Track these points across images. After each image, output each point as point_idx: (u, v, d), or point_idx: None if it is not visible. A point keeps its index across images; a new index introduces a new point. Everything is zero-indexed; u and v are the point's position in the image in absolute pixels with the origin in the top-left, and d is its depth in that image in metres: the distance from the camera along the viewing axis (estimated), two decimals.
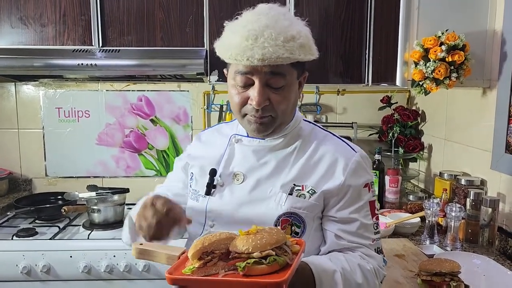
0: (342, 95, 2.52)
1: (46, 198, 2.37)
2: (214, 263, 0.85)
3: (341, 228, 1.06)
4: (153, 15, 2.04)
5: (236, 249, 0.84)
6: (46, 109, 2.47)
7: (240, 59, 0.97)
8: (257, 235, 0.86)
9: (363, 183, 1.09)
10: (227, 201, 1.10)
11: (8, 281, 1.83)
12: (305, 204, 1.06)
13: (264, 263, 0.82)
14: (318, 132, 1.16)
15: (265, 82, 1.01)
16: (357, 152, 1.11)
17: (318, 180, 1.07)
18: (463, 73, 1.68)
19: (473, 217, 1.68)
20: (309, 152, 1.10)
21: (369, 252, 1.07)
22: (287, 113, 1.08)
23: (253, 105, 1.01)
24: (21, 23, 2.02)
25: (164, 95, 2.51)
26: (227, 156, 1.14)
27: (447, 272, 1.26)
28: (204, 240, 0.86)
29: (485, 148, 1.80)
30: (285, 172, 1.09)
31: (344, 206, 1.07)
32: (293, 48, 0.98)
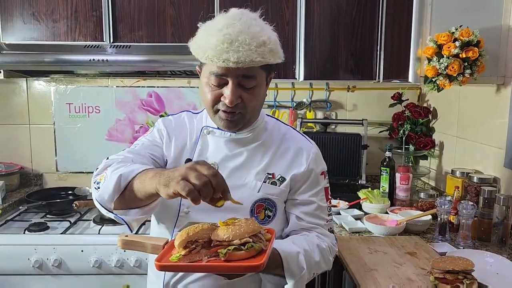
0: (352, 91, 2.50)
1: (57, 193, 2.38)
2: (197, 251, 0.95)
3: (301, 210, 1.22)
4: (164, 11, 2.04)
5: (217, 237, 0.95)
6: (57, 104, 2.49)
7: (217, 61, 1.05)
8: (235, 225, 0.97)
9: (321, 170, 1.25)
10: None
11: (20, 274, 1.85)
12: (277, 191, 1.20)
13: (243, 249, 0.93)
14: (281, 126, 1.29)
15: (238, 82, 1.09)
16: (313, 144, 1.27)
17: (286, 168, 1.21)
18: (477, 69, 1.67)
19: (486, 215, 1.66)
20: (276, 144, 1.23)
21: (323, 232, 1.23)
22: (256, 110, 1.18)
23: (226, 102, 1.10)
24: (33, 19, 2.03)
25: (174, 91, 2.51)
26: (200, 147, 1.22)
27: (460, 270, 1.25)
28: (188, 230, 0.95)
29: (498, 146, 1.78)
30: (256, 162, 1.20)
31: (305, 190, 1.22)
32: (264, 53, 1.06)
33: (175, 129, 1.27)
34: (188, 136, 1.25)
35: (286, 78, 2.06)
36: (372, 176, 2.48)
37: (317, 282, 1.78)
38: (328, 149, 2.35)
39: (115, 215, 1.09)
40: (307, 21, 2.00)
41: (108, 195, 1.05)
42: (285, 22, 2.02)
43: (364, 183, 2.34)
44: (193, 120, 1.29)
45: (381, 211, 1.99)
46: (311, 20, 2.00)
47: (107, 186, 1.05)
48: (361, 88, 2.49)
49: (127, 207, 1.07)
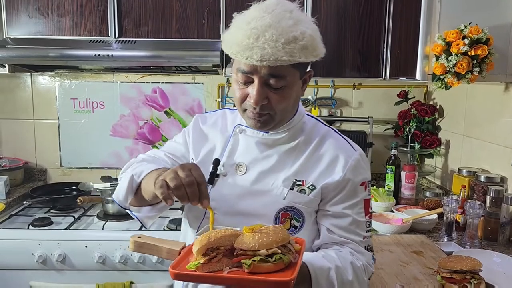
0: (358, 89, 2.49)
1: (61, 188, 2.38)
2: (218, 259, 0.84)
3: (332, 222, 1.09)
4: (170, 6, 2.02)
5: (242, 246, 0.84)
6: (61, 99, 2.48)
7: (240, 57, 0.98)
8: (262, 233, 0.85)
9: (361, 180, 1.10)
10: (229, 191, 1.10)
11: (24, 269, 1.85)
12: (305, 199, 1.08)
13: (270, 261, 0.82)
14: (321, 127, 1.16)
15: (264, 81, 1.01)
16: (357, 151, 1.12)
17: (319, 175, 1.09)
18: (486, 67, 1.65)
19: (493, 215, 1.65)
20: (311, 147, 1.11)
21: (359, 249, 1.08)
22: (287, 111, 1.08)
23: (251, 103, 1.02)
24: (39, 13, 2.02)
25: (179, 87, 2.50)
26: (231, 146, 1.14)
27: (468, 270, 1.24)
28: (209, 235, 0.85)
29: (506, 145, 1.76)
30: (287, 167, 1.10)
31: (339, 201, 1.09)
32: (293, 50, 0.96)
33: (207, 127, 1.22)
34: (220, 135, 1.18)
35: None
36: (377, 174, 2.46)
37: None
38: None
39: (130, 212, 1.13)
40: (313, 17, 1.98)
41: (122, 196, 1.10)
42: None
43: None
44: (229, 118, 1.21)
45: (386, 210, 1.98)
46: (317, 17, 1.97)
47: (122, 187, 1.10)
48: (366, 85, 2.47)
49: (141, 205, 1.11)
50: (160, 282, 1.87)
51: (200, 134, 1.21)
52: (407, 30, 1.86)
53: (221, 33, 2.01)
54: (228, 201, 1.09)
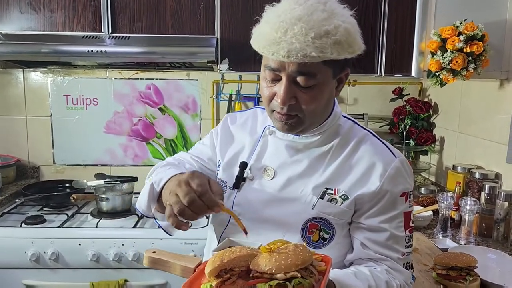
0: (353, 86, 2.48)
1: (54, 186, 2.36)
2: (232, 281, 0.79)
3: (368, 236, 1.00)
4: (164, 1, 2.00)
5: (258, 268, 0.77)
6: (54, 96, 2.45)
7: (267, 53, 0.91)
8: (281, 253, 0.78)
9: (401, 191, 1.00)
10: (255, 196, 1.04)
11: (16, 268, 1.83)
12: (336, 210, 0.99)
13: (289, 286, 0.76)
14: (357, 130, 1.07)
15: (292, 79, 0.93)
16: (397, 158, 1.02)
17: (352, 184, 1.00)
18: (481, 64, 1.65)
19: (488, 211, 1.65)
20: (345, 152, 1.02)
21: (396, 266, 0.99)
22: (317, 114, 0.98)
23: (278, 102, 0.94)
24: (30, 8, 1.99)
25: (173, 83, 2.48)
26: (259, 149, 1.08)
27: (463, 267, 1.24)
28: (223, 256, 0.80)
29: (500, 141, 1.77)
30: (318, 173, 1.01)
31: (375, 214, 1.00)
32: (324, 46, 0.87)
33: (236, 127, 1.16)
34: (249, 136, 1.11)
35: None
36: None
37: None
38: None
39: (155, 220, 1.08)
40: None
41: (144, 205, 1.04)
42: None
43: None
44: (259, 118, 1.14)
45: None
46: None
47: (143, 195, 1.05)
48: (362, 82, 2.47)
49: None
50: (154, 281, 1.86)
51: (228, 135, 1.16)
52: (403, 27, 1.85)
53: (216, 29, 1.99)
54: (254, 206, 1.04)
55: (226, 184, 1.09)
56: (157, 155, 2.52)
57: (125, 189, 2.13)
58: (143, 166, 2.52)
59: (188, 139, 2.52)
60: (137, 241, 1.83)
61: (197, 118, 2.51)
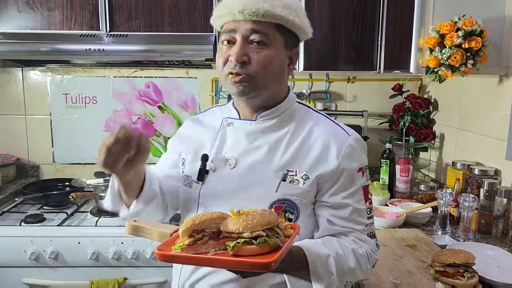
0: (352, 83, 2.48)
1: (54, 185, 2.36)
2: (204, 242, 0.85)
3: (333, 213, 1.05)
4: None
5: (226, 228, 0.84)
6: (53, 95, 2.46)
7: (223, 14, 1.00)
8: (248, 215, 0.85)
9: (357, 167, 1.06)
10: (220, 187, 1.09)
11: (16, 266, 1.83)
12: (298, 191, 1.04)
13: (255, 244, 0.82)
14: (312, 114, 1.13)
15: (245, 38, 1.00)
16: (351, 136, 1.08)
17: (312, 165, 1.04)
18: (480, 60, 1.64)
19: (487, 208, 1.65)
20: (302, 135, 1.07)
21: (361, 237, 1.06)
22: (269, 78, 1.03)
23: (231, 59, 1.00)
24: (28, 7, 1.99)
25: (172, 81, 2.48)
26: (219, 141, 1.12)
27: (461, 263, 1.24)
28: (195, 218, 0.87)
29: (500, 138, 1.76)
30: (278, 157, 1.06)
31: (337, 191, 1.05)
32: (275, 5, 0.97)
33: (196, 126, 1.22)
34: (209, 131, 1.16)
35: None
36: (372, 168, 2.45)
37: None
38: None
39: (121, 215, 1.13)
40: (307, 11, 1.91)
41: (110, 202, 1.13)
42: None
43: None
44: (217, 114, 1.19)
45: (381, 203, 1.97)
46: (311, 9, 1.96)
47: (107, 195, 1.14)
48: (361, 79, 2.46)
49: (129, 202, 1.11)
50: (153, 278, 1.86)
51: (190, 135, 1.21)
52: (401, 23, 1.84)
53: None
54: (220, 196, 1.08)
55: (191, 179, 1.13)
56: (156, 153, 2.52)
57: None
58: None
59: None
60: (136, 240, 1.83)
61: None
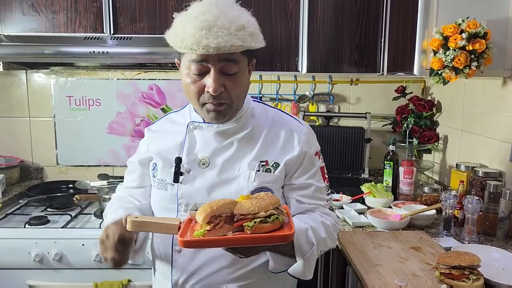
0: (355, 85, 2.48)
1: (58, 187, 2.37)
2: (221, 226, 0.93)
3: (300, 193, 1.20)
4: (165, 2, 2.00)
5: (242, 211, 0.93)
6: (57, 97, 2.46)
7: (196, 48, 1.01)
8: (257, 198, 0.96)
9: (314, 151, 1.22)
10: (198, 186, 1.16)
11: (20, 268, 1.84)
12: (272, 178, 1.17)
13: (269, 221, 0.92)
14: (269, 110, 1.25)
15: (219, 69, 1.06)
16: (304, 125, 1.23)
17: (279, 153, 1.18)
18: (484, 62, 1.64)
19: (491, 210, 1.64)
20: (265, 129, 1.20)
21: (325, 211, 1.22)
22: (241, 98, 1.15)
23: (210, 91, 1.06)
24: (33, 10, 2.00)
25: (175, 84, 2.48)
26: (188, 144, 1.19)
27: (466, 265, 1.24)
28: (211, 205, 0.94)
29: (504, 140, 1.76)
30: (248, 151, 1.17)
31: (301, 174, 1.19)
32: (244, 37, 1.03)
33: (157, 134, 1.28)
34: (173, 136, 1.23)
35: (288, 70, 2.03)
36: (375, 170, 2.46)
37: (320, 277, 1.76)
38: (331, 142, 2.33)
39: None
40: (311, 13, 1.97)
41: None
42: (288, 14, 1.99)
43: (367, 177, 2.32)
44: (176, 119, 1.28)
45: (384, 205, 1.97)
46: (314, 12, 1.97)
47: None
48: (364, 81, 2.46)
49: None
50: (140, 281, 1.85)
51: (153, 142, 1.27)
52: (405, 25, 1.84)
53: None
54: (198, 195, 1.15)
55: (166, 182, 1.20)
56: None
57: None
58: None
59: None
60: None
61: None
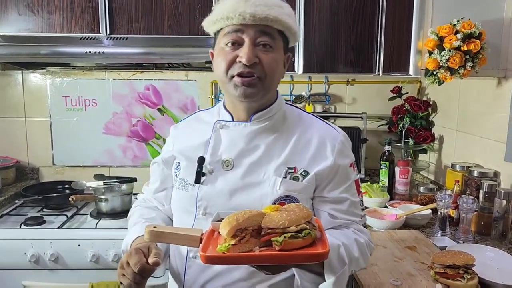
0: (351, 85, 2.48)
1: (54, 187, 2.36)
2: (246, 240, 0.83)
3: (333, 207, 1.09)
4: (161, 2, 2.00)
5: (270, 224, 0.83)
6: (53, 97, 2.46)
7: (232, 16, 1.00)
8: (288, 210, 0.86)
9: (349, 163, 1.12)
10: (219, 188, 1.09)
11: (16, 269, 1.83)
12: (299, 186, 1.07)
13: (300, 237, 0.82)
14: (302, 114, 1.18)
15: (254, 40, 1.02)
16: (340, 133, 1.14)
17: (309, 161, 1.08)
18: (479, 62, 1.65)
19: (486, 209, 1.65)
20: (297, 134, 1.11)
21: (359, 228, 1.11)
22: (274, 78, 1.07)
23: (243, 61, 1.01)
24: (28, 10, 2.00)
25: (172, 84, 2.48)
26: (213, 143, 1.12)
27: (461, 265, 1.24)
28: (237, 217, 0.84)
29: (499, 139, 1.77)
30: (276, 156, 1.09)
31: (335, 187, 1.09)
32: (282, 13, 1.02)
33: (183, 132, 1.23)
34: (199, 135, 1.16)
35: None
36: (371, 170, 2.46)
37: None
38: None
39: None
40: (307, 14, 1.97)
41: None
42: None
43: (363, 177, 2.32)
44: (204, 118, 1.21)
45: (380, 205, 1.97)
46: (310, 12, 1.97)
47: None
48: (360, 81, 2.47)
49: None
50: (154, 281, 1.85)
51: (178, 141, 1.21)
52: (400, 25, 1.85)
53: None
54: (219, 198, 1.08)
55: (187, 182, 1.13)
56: (156, 155, 2.51)
57: (124, 190, 2.13)
58: (142, 166, 2.53)
59: None
60: None
61: None
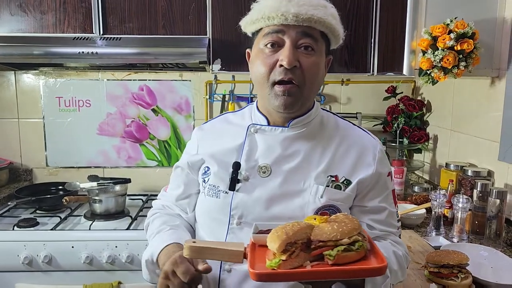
0: (346, 85, 2.48)
1: (47, 188, 2.35)
2: (296, 254, 0.78)
3: (372, 217, 1.05)
4: (155, 2, 1.99)
5: (321, 237, 0.79)
6: (46, 98, 2.44)
7: (274, 16, 0.96)
8: (338, 222, 0.81)
9: (387, 172, 1.08)
10: (256, 196, 1.02)
11: (9, 271, 1.82)
12: (342, 196, 1.02)
13: (353, 250, 0.78)
14: (339, 120, 1.13)
15: (296, 43, 0.98)
16: (377, 141, 1.11)
17: (350, 169, 1.04)
18: (472, 62, 1.65)
19: (480, 209, 1.65)
20: (336, 141, 1.06)
21: (396, 239, 1.07)
22: (313, 85, 1.02)
23: (284, 64, 0.96)
24: (21, 10, 1.98)
25: (166, 84, 2.47)
26: (248, 147, 1.06)
27: (455, 264, 1.24)
28: (286, 230, 0.79)
29: (492, 139, 1.77)
30: (315, 163, 1.03)
31: (374, 196, 1.05)
32: (326, 13, 0.98)
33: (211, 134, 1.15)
34: (230, 138, 1.09)
35: None
36: None
37: None
38: None
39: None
40: None
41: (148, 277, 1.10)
42: None
43: None
44: (234, 120, 1.15)
45: None
46: None
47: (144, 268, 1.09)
48: (355, 81, 2.47)
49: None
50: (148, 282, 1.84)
51: (206, 142, 1.14)
52: (394, 25, 1.85)
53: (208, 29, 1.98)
54: (254, 207, 1.02)
55: (219, 188, 1.06)
56: (150, 156, 2.51)
57: (118, 191, 2.12)
58: (136, 167, 2.52)
59: (181, 140, 2.51)
60: (130, 243, 1.83)
61: (190, 119, 2.50)
